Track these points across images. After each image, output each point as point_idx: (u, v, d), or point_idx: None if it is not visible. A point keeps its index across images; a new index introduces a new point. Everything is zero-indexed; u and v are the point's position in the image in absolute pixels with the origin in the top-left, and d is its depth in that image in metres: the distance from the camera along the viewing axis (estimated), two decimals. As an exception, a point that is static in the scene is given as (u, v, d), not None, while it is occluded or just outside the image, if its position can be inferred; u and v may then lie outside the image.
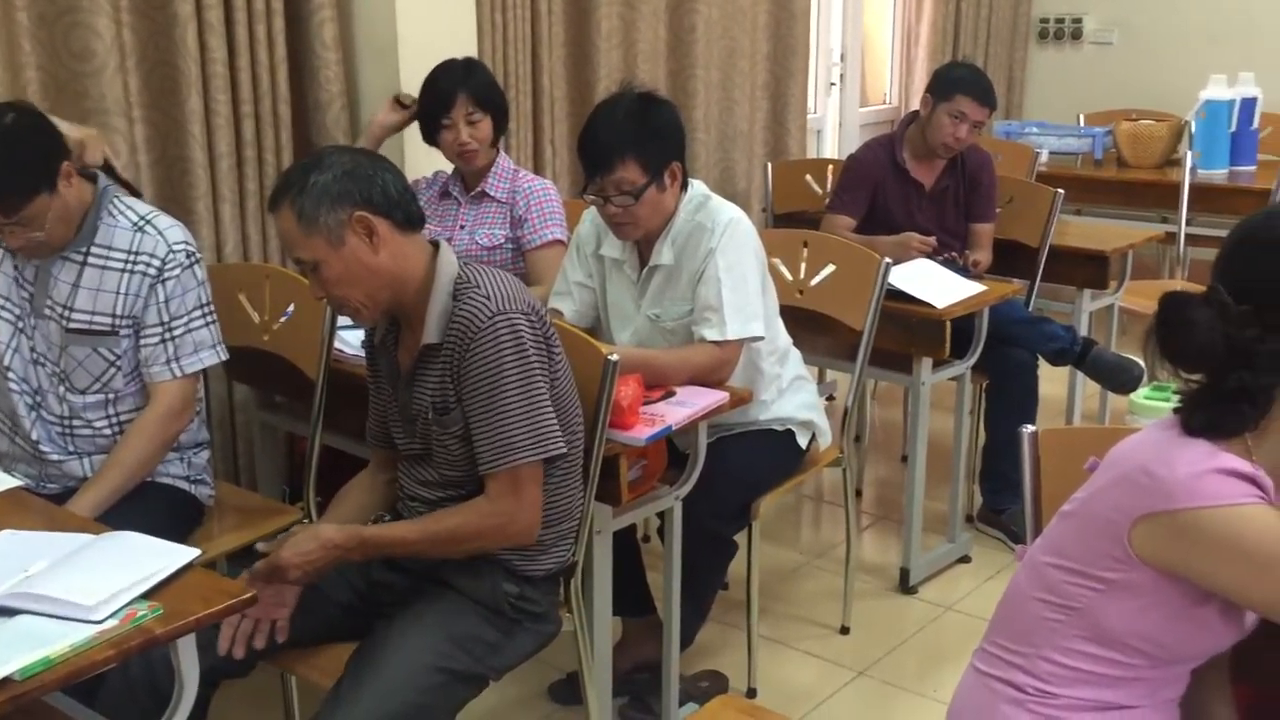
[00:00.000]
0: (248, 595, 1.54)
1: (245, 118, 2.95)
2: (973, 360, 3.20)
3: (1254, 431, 1.36)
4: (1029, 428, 1.73)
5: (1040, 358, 3.42)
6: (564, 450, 1.92)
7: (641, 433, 2.14)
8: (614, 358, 2.08)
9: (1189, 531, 1.32)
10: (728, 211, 2.49)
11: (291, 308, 2.51)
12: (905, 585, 3.19)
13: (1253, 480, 1.31)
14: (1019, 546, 1.64)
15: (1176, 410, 1.40)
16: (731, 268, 2.44)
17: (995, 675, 1.51)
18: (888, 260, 2.85)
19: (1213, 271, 1.41)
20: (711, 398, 2.32)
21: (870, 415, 4.22)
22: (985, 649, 1.55)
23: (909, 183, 3.59)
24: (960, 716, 1.55)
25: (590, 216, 2.60)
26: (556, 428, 1.90)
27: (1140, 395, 2.24)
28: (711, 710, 1.36)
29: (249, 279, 2.62)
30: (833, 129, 5.50)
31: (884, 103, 5.87)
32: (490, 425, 1.86)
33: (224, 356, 2.29)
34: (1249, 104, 4.53)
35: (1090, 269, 3.71)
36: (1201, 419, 1.36)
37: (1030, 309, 3.60)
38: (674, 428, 2.21)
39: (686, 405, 2.28)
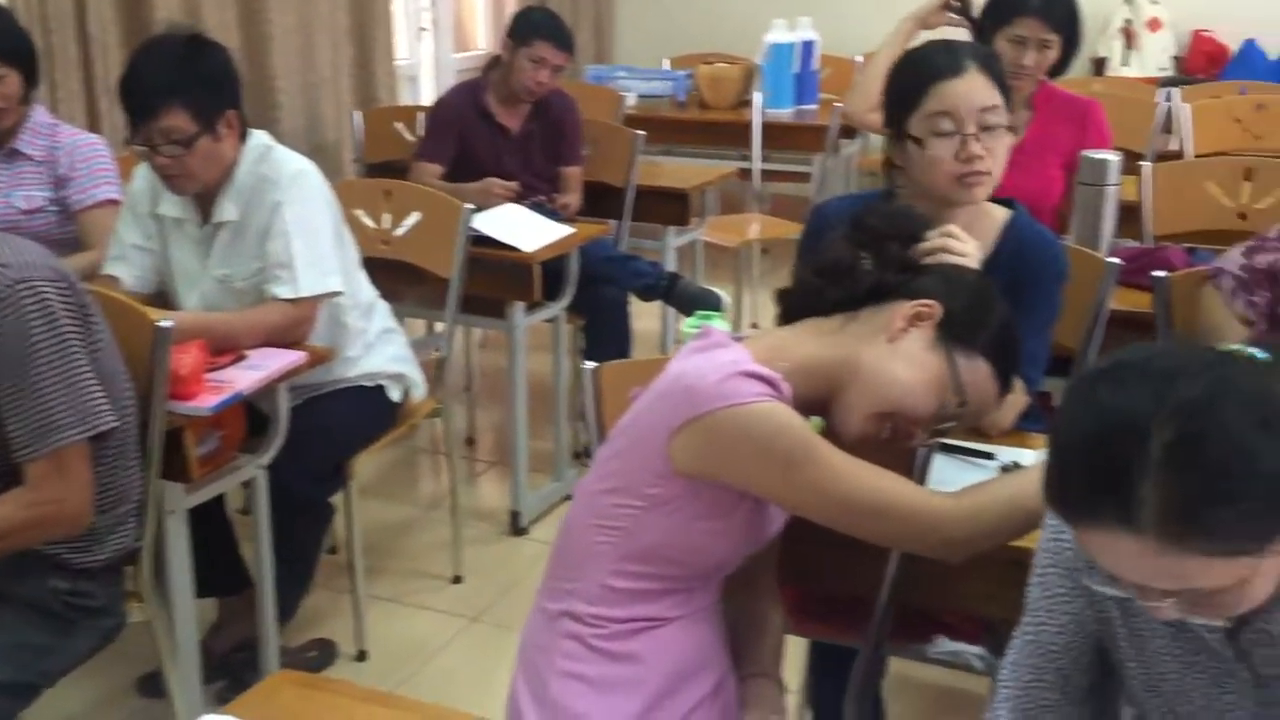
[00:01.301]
0: None
1: None
2: (566, 301, 3.26)
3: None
4: (590, 364, 1.77)
5: (631, 294, 3.55)
6: (115, 424, 1.77)
7: (206, 401, 2.01)
8: (166, 324, 1.93)
9: (715, 431, 1.37)
10: (294, 162, 2.38)
11: None
12: (516, 527, 3.24)
13: (771, 383, 1.39)
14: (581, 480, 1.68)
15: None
16: (301, 220, 2.33)
17: (556, 609, 1.53)
18: (469, 207, 2.83)
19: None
20: (286, 359, 2.21)
21: (476, 362, 4.23)
22: (547, 584, 1.57)
23: (495, 128, 3.59)
24: (528, 653, 1.57)
25: (143, 172, 2.39)
26: (103, 400, 1.74)
27: (688, 323, 2.35)
28: (266, 688, 1.29)
29: None
30: (429, 76, 5.41)
31: (478, 48, 5.84)
32: (25, 405, 1.68)
33: None
34: (809, 46, 4.88)
35: (674, 207, 3.88)
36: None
37: (620, 248, 3.72)
38: (244, 393, 2.09)
39: (258, 368, 2.16)
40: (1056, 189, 2.85)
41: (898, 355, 1.45)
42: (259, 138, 2.38)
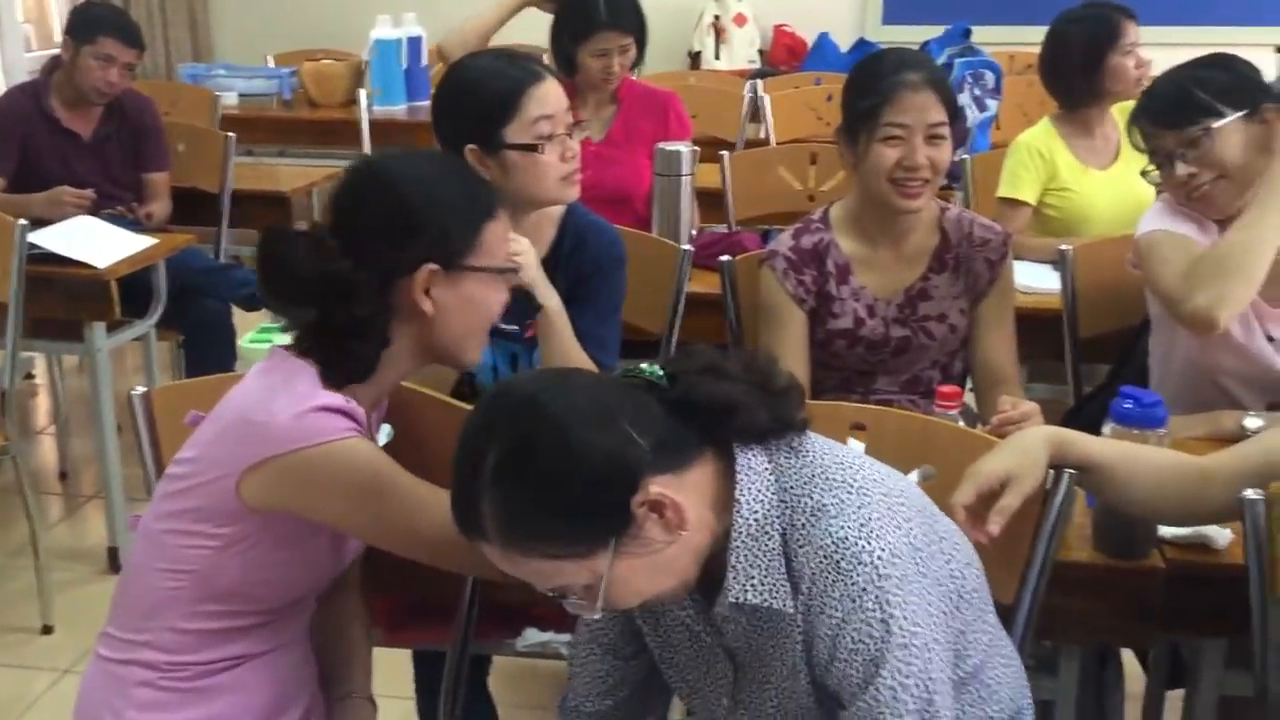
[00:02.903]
0: None
1: None
2: (154, 318, 3.05)
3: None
4: (139, 389, 1.64)
5: (235, 305, 3.37)
6: None
7: None
8: None
9: (293, 471, 1.32)
10: None
11: None
12: (115, 564, 3.00)
13: (349, 414, 1.35)
14: (130, 515, 1.57)
15: (290, 348, 1.40)
16: None
17: (122, 659, 1.42)
18: (23, 223, 2.58)
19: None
20: None
21: (69, 389, 3.88)
22: (109, 634, 1.45)
23: (62, 133, 3.29)
24: (90, 711, 1.44)
25: None
26: None
27: (246, 340, 2.27)
28: None
29: None
30: (-2, 76, 4.91)
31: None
32: None
33: None
34: (415, 42, 4.83)
35: (276, 211, 3.72)
36: (321, 357, 1.38)
37: (221, 257, 3.53)
38: None
39: None
40: (645, 178, 2.97)
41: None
42: None
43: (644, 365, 1.20)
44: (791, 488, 1.17)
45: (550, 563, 1.13)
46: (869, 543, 1.13)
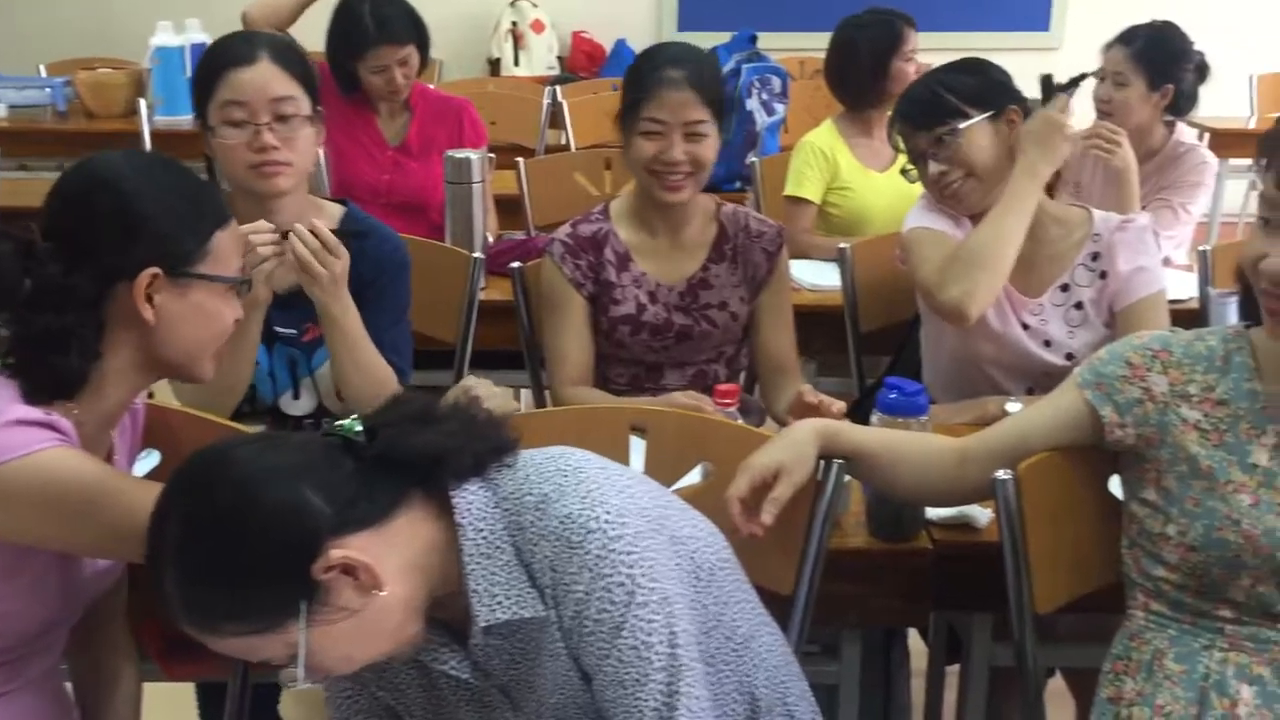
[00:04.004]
0: None
1: None
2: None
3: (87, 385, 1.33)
4: None
5: None
6: None
7: None
8: None
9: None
10: None
11: None
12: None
13: (51, 427, 1.26)
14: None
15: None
16: None
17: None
18: None
19: None
20: None
21: None
22: None
23: None
24: None
25: None
26: None
27: None
28: None
29: None
30: None
31: None
32: None
33: None
34: (199, 49, 4.64)
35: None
36: (22, 372, 1.28)
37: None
38: None
39: None
40: (440, 187, 2.94)
41: None
42: None
43: (343, 422, 1.17)
44: (511, 495, 1.17)
45: (243, 640, 1.11)
46: (594, 510, 1.14)
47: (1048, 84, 2.11)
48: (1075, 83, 2.13)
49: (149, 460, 1.56)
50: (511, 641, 1.19)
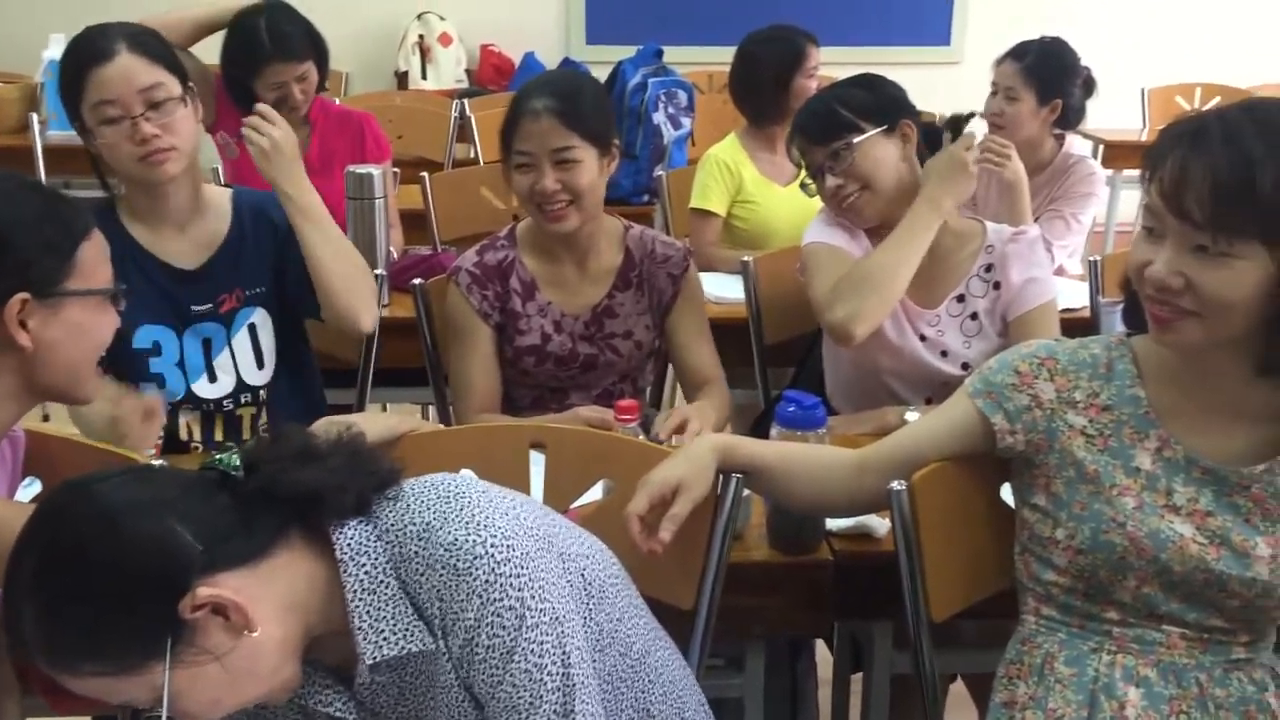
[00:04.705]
0: None
1: None
2: None
3: None
4: None
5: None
6: None
7: None
8: None
9: None
10: None
11: None
12: None
13: None
14: None
15: None
16: None
17: None
18: None
19: None
20: None
21: None
22: None
23: None
24: None
25: None
26: None
27: None
28: None
29: None
30: None
31: None
32: None
33: None
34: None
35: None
36: None
37: None
38: None
39: None
40: (343, 202, 2.91)
41: None
42: None
43: (221, 456, 1.14)
44: (392, 526, 1.15)
45: (102, 680, 1.07)
46: (479, 535, 1.12)
47: (956, 122, 2.16)
48: (968, 118, 2.20)
49: (31, 489, 1.52)
50: (400, 676, 1.17)
